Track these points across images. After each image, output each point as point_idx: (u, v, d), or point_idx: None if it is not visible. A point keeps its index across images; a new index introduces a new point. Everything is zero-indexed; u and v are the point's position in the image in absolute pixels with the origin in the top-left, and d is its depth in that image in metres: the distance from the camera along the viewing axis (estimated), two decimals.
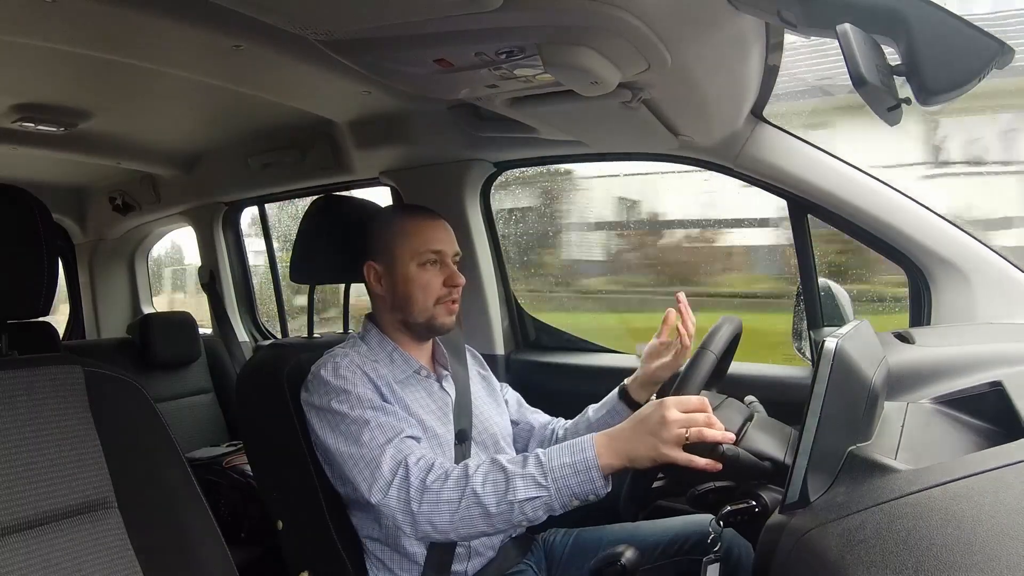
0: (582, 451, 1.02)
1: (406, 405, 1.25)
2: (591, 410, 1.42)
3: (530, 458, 1.05)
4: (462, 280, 1.31)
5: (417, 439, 1.18)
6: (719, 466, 1.00)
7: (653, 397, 1.37)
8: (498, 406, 1.46)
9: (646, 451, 1.00)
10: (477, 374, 1.48)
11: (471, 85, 1.18)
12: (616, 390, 1.39)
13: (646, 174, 2.62)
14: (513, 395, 1.54)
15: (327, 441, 1.18)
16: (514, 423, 1.47)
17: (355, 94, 1.57)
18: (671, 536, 1.31)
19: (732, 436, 1.01)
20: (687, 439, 0.98)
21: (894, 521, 0.66)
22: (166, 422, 1.04)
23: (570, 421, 1.46)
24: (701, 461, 0.99)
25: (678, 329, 1.30)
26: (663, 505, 1.54)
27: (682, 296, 1.30)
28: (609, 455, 1.01)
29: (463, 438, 1.30)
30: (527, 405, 1.54)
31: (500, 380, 1.55)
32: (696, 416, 1.00)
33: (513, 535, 1.35)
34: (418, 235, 1.30)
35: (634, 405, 1.35)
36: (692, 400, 1.02)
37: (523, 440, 1.47)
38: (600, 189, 2.79)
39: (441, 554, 1.20)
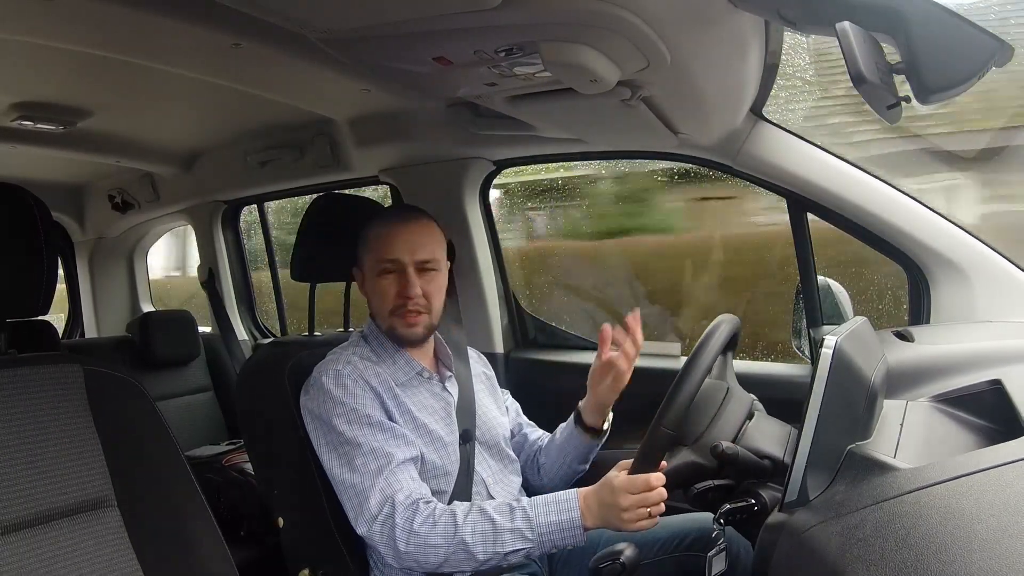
0: (568, 511, 1.09)
1: (408, 410, 1.25)
2: (558, 431, 1.44)
3: (517, 511, 1.10)
4: (415, 292, 1.27)
5: (414, 459, 1.19)
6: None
7: (609, 417, 1.39)
8: (499, 407, 1.46)
9: (614, 523, 1.09)
10: (482, 374, 1.48)
11: (470, 83, 1.18)
12: (573, 413, 1.40)
13: None
14: (513, 403, 1.54)
15: (321, 456, 1.21)
16: (511, 433, 1.48)
17: (354, 92, 1.57)
18: (670, 533, 1.31)
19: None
20: (650, 515, 1.07)
21: (893, 519, 0.66)
22: (166, 420, 1.04)
23: (548, 436, 1.48)
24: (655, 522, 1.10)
25: (618, 348, 1.29)
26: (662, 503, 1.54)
27: (636, 315, 1.29)
28: (590, 518, 1.10)
29: (467, 438, 1.31)
30: (524, 416, 1.55)
31: (500, 378, 1.55)
32: (648, 497, 1.06)
33: None
34: (376, 243, 1.29)
35: (588, 429, 1.38)
36: (637, 483, 1.06)
37: (515, 449, 1.48)
38: None
39: None
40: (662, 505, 1.08)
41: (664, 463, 1.10)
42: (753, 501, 1.06)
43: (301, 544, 1.31)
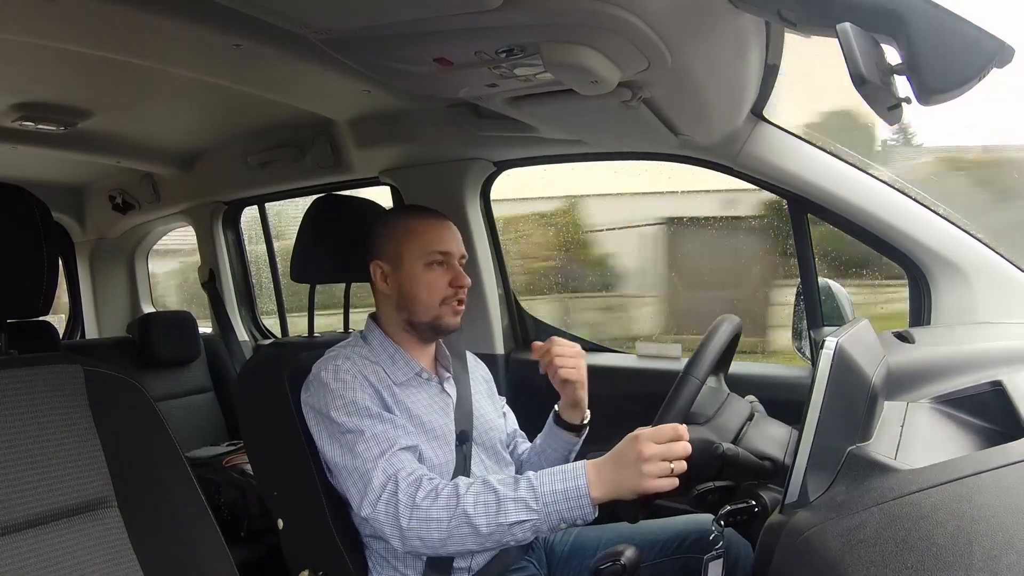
0: (574, 479, 1.04)
1: (406, 408, 1.25)
2: (538, 439, 1.44)
3: (521, 481, 1.06)
4: (468, 281, 1.32)
5: (413, 448, 1.18)
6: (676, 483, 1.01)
7: (587, 415, 1.39)
8: (497, 410, 1.46)
9: (630, 483, 1.02)
10: (480, 377, 1.48)
11: (471, 84, 1.18)
12: (551, 415, 1.41)
13: None
14: (510, 413, 1.54)
15: (323, 448, 1.20)
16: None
17: (355, 93, 1.57)
18: (671, 534, 1.31)
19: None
20: (672, 471, 1.00)
21: (894, 521, 0.66)
22: (166, 421, 1.04)
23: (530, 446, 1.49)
24: (676, 483, 1.01)
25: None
26: (663, 504, 1.53)
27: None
28: (598, 486, 1.03)
29: (464, 439, 1.31)
30: (517, 426, 1.55)
31: (500, 378, 1.55)
32: (674, 447, 1.01)
33: None
34: (426, 235, 1.30)
35: (568, 427, 1.38)
36: (665, 430, 1.02)
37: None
38: None
39: None
40: (684, 464, 1.01)
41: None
42: (753, 502, 1.05)
43: (301, 545, 1.31)
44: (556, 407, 1.40)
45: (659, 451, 1.00)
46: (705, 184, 2.26)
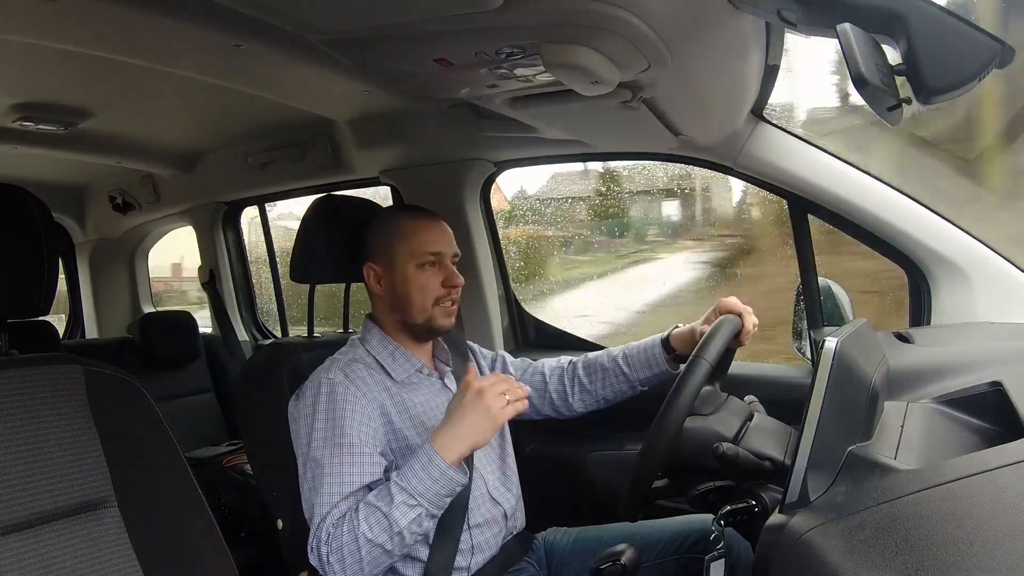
0: (431, 461, 1.08)
1: (407, 407, 1.25)
2: (622, 362, 1.43)
3: (392, 487, 1.09)
4: (460, 281, 1.32)
5: (371, 485, 1.16)
6: (524, 406, 1.12)
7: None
8: None
9: (481, 424, 1.09)
10: (485, 370, 1.48)
11: (471, 84, 1.19)
12: (660, 339, 1.41)
13: None
14: (501, 360, 1.52)
15: (299, 471, 1.21)
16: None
17: (355, 93, 1.57)
18: (671, 535, 1.31)
19: (527, 390, 1.14)
20: (507, 400, 1.09)
21: (894, 521, 0.66)
22: (166, 421, 1.04)
23: (590, 356, 1.47)
24: (523, 406, 1.12)
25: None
26: (663, 505, 1.54)
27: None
28: (452, 450, 1.08)
29: None
30: (526, 362, 1.53)
31: None
32: (503, 379, 1.11)
33: (514, 533, 1.35)
34: (416, 236, 1.30)
35: (673, 353, 1.39)
36: (488, 377, 1.12)
37: (538, 392, 1.48)
38: None
39: (444, 551, 1.21)
40: (518, 391, 1.11)
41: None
42: (754, 502, 1.05)
43: (300, 546, 1.31)
44: (672, 333, 1.39)
45: (491, 387, 1.09)
46: None
